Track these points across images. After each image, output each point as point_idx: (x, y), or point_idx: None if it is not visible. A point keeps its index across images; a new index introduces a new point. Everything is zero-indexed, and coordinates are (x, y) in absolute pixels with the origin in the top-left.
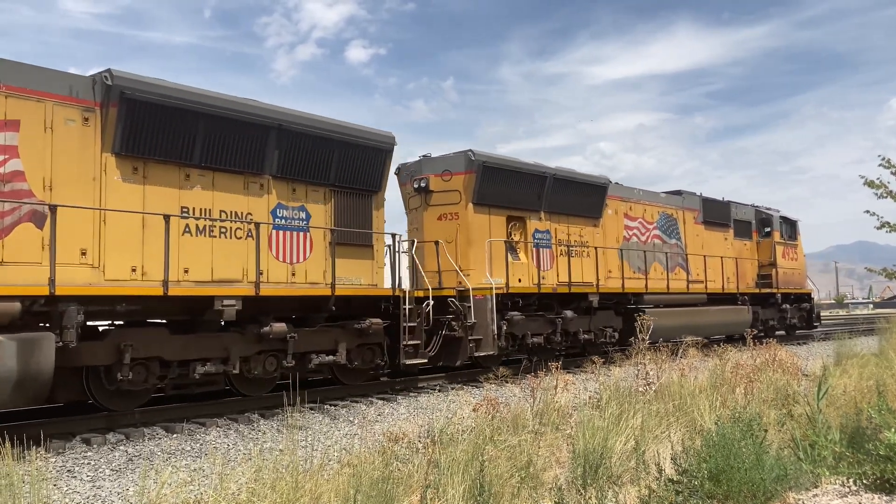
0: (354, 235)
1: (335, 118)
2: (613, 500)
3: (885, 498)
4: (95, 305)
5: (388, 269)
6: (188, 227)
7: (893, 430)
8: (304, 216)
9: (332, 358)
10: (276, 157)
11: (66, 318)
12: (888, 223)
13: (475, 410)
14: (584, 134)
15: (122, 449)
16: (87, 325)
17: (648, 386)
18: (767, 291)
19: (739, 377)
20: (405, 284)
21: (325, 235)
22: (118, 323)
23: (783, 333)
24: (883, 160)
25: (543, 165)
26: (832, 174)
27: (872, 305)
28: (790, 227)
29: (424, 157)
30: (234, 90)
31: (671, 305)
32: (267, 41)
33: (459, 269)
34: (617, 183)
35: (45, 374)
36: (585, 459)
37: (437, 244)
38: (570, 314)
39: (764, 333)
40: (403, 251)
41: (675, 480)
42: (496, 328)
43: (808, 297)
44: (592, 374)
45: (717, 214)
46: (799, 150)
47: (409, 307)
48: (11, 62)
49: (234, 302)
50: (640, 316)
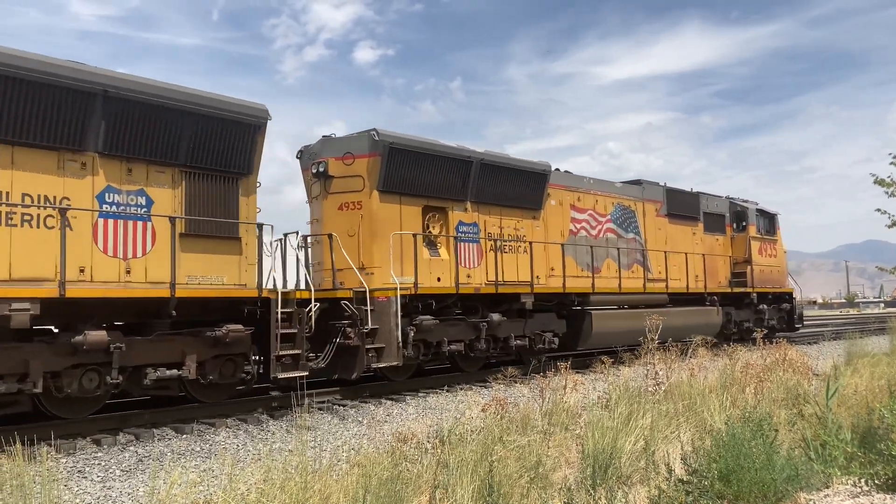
0: (213, 226)
1: (189, 87)
2: (623, 500)
3: None
4: None
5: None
6: None
7: None
8: (143, 202)
9: (175, 372)
10: (102, 130)
11: None
12: None
13: (484, 411)
14: (591, 134)
15: (132, 449)
16: None
17: (658, 386)
18: (741, 291)
19: (749, 377)
20: (293, 285)
21: (172, 225)
22: None
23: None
24: (894, 158)
25: (468, 149)
26: (841, 174)
27: (883, 304)
28: (768, 220)
29: (325, 137)
30: (241, 92)
31: (625, 306)
32: (274, 43)
33: (362, 266)
34: (565, 171)
35: None
36: (595, 460)
37: (329, 237)
38: (497, 317)
39: (739, 336)
40: (295, 246)
41: (684, 481)
42: (401, 335)
43: (788, 296)
44: (602, 374)
45: (683, 206)
46: (807, 149)
47: (282, 311)
48: None
49: (27, 306)
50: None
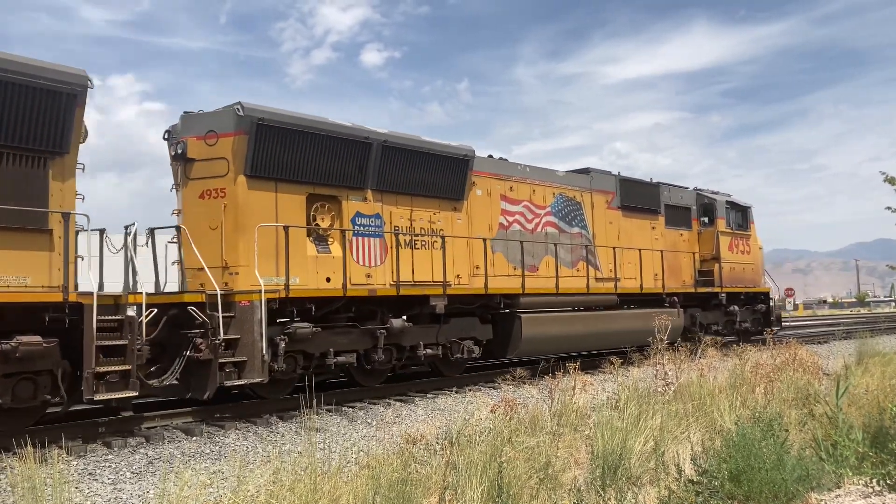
0: (7, 215)
1: None
2: (633, 501)
3: None
4: None
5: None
6: None
7: None
8: None
9: None
10: None
11: None
12: None
13: (493, 412)
14: (599, 134)
15: (142, 452)
16: None
17: (667, 386)
18: (707, 291)
19: (759, 377)
20: (146, 286)
21: None
22: None
23: (734, 339)
24: None
25: (365, 128)
26: (851, 172)
27: (894, 303)
28: (740, 214)
29: (186, 113)
30: (249, 94)
31: (564, 308)
32: (282, 46)
33: (225, 264)
34: (496, 157)
35: None
36: (604, 460)
37: (178, 230)
38: (398, 323)
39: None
40: (140, 242)
41: (695, 481)
42: (265, 346)
43: (764, 296)
44: (611, 374)
45: (640, 198)
46: (817, 147)
47: (112, 319)
48: None
49: None
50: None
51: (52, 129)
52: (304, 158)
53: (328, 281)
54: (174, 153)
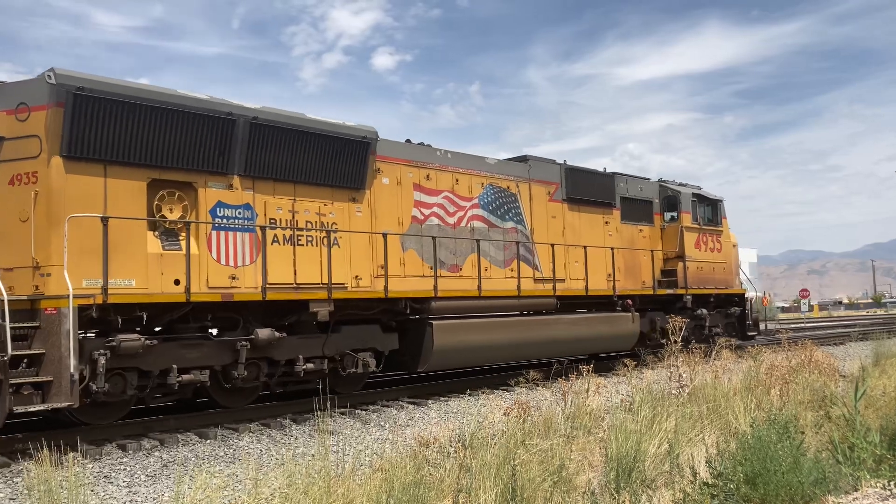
0: None
1: None
2: (647, 503)
3: None
4: None
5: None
6: None
7: None
8: None
9: None
10: None
11: None
12: None
13: (506, 414)
14: (612, 135)
15: (156, 455)
16: None
17: (682, 388)
18: (669, 293)
19: (774, 378)
20: None
21: None
22: None
23: (703, 345)
24: None
25: (229, 102)
26: (867, 172)
27: None
28: (710, 208)
29: None
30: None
31: (487, 314)
32: (294, 50)
33: (36, 263)
34: (406, 141)
35: None
36: (618, 463)
37: None
38: (266, 334)
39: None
40: None
41: (710, 484)
42: (74, 363)
43: (739, 298)
44: (624, 377)
45: (590, 190)
46: (832, 147)
47: None
48: None
49: None
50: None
51: None
52: (143, 137)
53: (177, 284)
54: None
